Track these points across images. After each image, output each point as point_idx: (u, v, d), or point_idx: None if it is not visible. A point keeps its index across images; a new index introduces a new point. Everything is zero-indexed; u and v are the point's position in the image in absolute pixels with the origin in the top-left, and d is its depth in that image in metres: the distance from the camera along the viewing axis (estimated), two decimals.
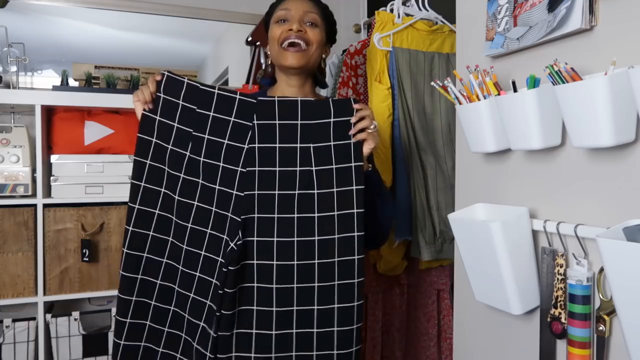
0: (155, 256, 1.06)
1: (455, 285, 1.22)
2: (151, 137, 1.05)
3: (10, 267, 1.72)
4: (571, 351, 0.83)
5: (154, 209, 1.06)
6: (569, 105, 0.78)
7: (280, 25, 1.19)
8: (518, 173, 1.01)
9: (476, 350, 1.14)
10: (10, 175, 1.75)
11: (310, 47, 1.18)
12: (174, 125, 1.06)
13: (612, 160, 0.81)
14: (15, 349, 1.72)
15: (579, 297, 0.82)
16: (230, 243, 1.01)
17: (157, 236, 1.06)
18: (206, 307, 1.03)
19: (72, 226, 1.78)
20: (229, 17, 2.48)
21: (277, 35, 1.18)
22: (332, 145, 1.05)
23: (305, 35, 1.17)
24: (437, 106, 1.69)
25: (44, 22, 2.20)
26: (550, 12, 0.87)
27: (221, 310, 0.99)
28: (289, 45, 1.17)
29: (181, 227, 1.05)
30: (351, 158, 1.05)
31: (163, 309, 1.07)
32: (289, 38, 1.16)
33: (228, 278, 0.99)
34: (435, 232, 1.62)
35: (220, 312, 0.99)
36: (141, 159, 1.05)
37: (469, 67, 1.01)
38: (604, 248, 0.69)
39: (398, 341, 1.76)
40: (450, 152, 1.65)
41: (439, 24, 1.73)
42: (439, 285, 1.75)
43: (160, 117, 1.06)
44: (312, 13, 1.19)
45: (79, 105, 1.79)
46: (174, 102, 1.06)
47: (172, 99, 1.06)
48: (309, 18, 1.18)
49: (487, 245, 0.92)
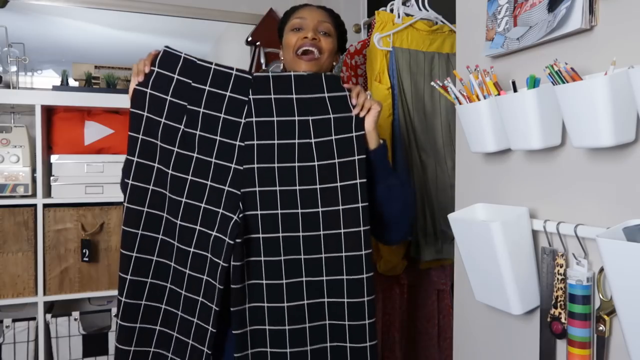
0: (151, 232, 1.06)
1: (455, 285, 1.22)
2: (142, 111, 1.05)
3: (10, 267, 1.73)
4: (571, 351, 0.83)
5: (148, 184, 1.05)
6: (569, 105, 0.78)
7: (295, 33, 1.23)
8: (518, 173, 1.01)
9: (476, 350, 1.14)
10: (10, 175, 1.75)
11: (322, 56, 1.22)
12: (167, 98, 1.05)
13: (612, 160, 0.81)
14: (15, 349, 1.72)
15: (579, 297, 0.82)
16: (233, 216, 1.01)
17: (151, 212, 1.05)
18: (203, 282, 1.03)
19: (72, 226, 1.79)
20: (229, 17, 2.48)
21: (292, 42, 1.22)
22: (332, 117, 1.06)
23: (319, 43, 1.21)
24: (437, 106, 1.68)
25: (44, 22, 2.20)
26: (550, 12, 0.87)
27: (230, 285, 1.00)
28: (303, 53, 1.21)
29: (175, 202, 1.05)
30: (352, 129, 1.05)
31: (160, 286, 1.06)
32: (304, 45, 1.20)
33: (235, 250, 0.99)
34: (435, 232, 1.62)
35: (223, 286, 1.00)
36: (134, 134, 1.05)
37: (469, 67, 1.01)
38: (604, 248, 0.69)
39: (398, 341, 1.76)
40: (450, 152, 1.65)
41: (439, 24, 1.73)
42: (439, 285, 1.75)
43: (152, 90, 1.05)
44: (326, 23, 1.23)
45: (79, 105, 1.79)
46: (168, 76, 1.06)
47: (166, 73, 1.06)
48: (323, 27, 1.22)
49: (487, 245, 0.92)
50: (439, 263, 1.71)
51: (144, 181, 1.05)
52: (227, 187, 1.03)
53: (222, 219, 1.02)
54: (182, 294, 1.05)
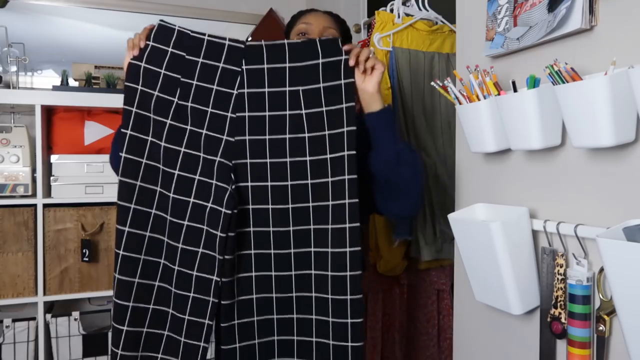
0: (144, 207, 1.06)
1: (455, 285, 1.22)
2: (137, 85, 1.06)
3: (10, 267, 1.73)
4: (571, 351, 0.83)
5: (141, 158, 1.06)
6: (569, 105, 0.78)
7: (301, 38, 1.23)
8: (518, 173, 1.01)
9: (476, 350, 1.14)
10: (10, 175, 1.75)
11: None
12: (161, 71, 1.06)
13: (612, 160, 0.81)
14: (15, 349, 1.72)
15: (579, 297, 0.82)
16: (227, 187, 1.02)
17: (144, 186, 1.06)
18: (199, 254, 1.03)
19: (72, 226, 1.79)
20: (229, 17, 2.48)
21: None
22: (322, 87, 1.05)
23: None
24: (437, 106, 1.68)
25: (44, 22, 2.20)
26: (550, 12, 0.87)
27: (224, 256, 1.00)
28: None
29: (168, 175, 1.05)
30: (342, 99, 1.04)
31: (152, 262, 1.06)
32: None
33: (232, 221, 1.00)
34: (435, 232, 1.62)
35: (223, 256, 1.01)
36: (128, 107, 1.05)
37: (469, 67, 1.01)
38: (604, 248, 0.69)
39: (398, 341, 1.76)
40: (450, 152, 1.65)
41: (439, 24, 1.73)
42: (439, 285, 1.75)
43: (146, 64, 1.06)
44: (331, 29, 1.24)
45: (79, 105, 1.79)
46: (163, 50, 1.06)
47: (161, 47, 1.07)
48: (328, 33, 1.22)
49: (487, 245, 0.92)
50: (438, 263, 1.71)
51: (137, 154, 1.06)
52: (219, 158, 1.04)
53: (216, 190, 1.03)
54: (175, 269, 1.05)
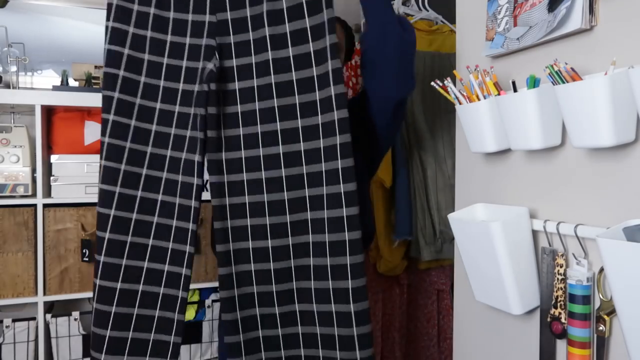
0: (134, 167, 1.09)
1: (455, 285, 1.22)
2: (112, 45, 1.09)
3: (10, 267, 1.72)
4: (571, 351, 0.83)
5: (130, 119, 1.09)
6: (569, 105, 0.78)
7: None
8: (518, 173, 1.01)
9: (476, 350, 1.14)
10: (10, 175, 1.75)
11: None
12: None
13: (612, 160, 0.81)
14: (15, 349, 1.72)
15: (579, 297, 0.82)
16: (207, 65, 1.05)
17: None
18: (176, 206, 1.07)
19: (72, 226, 1.78)
20: None
21: None
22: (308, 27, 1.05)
23: None
24: (437, 106, 1.69)
25: (44, 22, 2.20)
26: (550, 12, 0.87)
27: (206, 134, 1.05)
28: None
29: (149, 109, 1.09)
30: (325, 34, 1.04)
31: (129, 196, 1.08)
32: None
33: (210, 98, 1.04)
34: (435, 232, 1.62)
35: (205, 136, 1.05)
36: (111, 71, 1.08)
37: (469, 67, 1.01)
38: (604, 248, 0.69)
39: (398, 341, 1.76)
40: (450, 152, 1.65)
41: (439, 24, 1.73)
42: (439, 285, 1.75)
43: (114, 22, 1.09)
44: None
45: (79, 105, 1.79)
46: (128, 8, 1.09)
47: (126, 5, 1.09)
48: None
49: (487, 245, 0.92)
50: (438, 263, 1.71)
51: (126, 116, 1.09)
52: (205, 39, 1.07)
53: (201, 73, 1.07)
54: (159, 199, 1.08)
